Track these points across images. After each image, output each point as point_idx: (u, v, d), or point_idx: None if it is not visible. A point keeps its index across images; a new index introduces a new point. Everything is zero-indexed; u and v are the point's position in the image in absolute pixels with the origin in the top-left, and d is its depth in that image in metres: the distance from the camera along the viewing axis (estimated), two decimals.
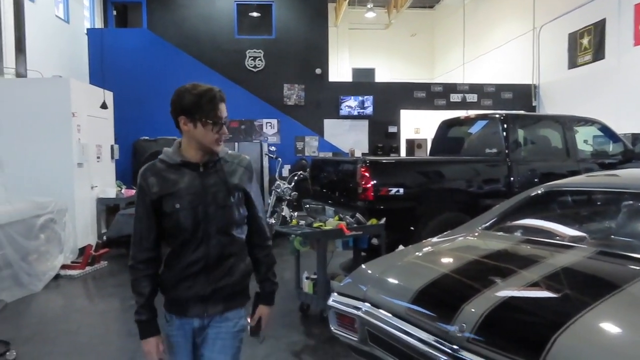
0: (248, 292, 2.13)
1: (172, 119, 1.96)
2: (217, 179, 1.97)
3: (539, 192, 3.46)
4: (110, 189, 8.67)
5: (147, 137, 11.48)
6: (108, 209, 8.62)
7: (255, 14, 13.70)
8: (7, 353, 3.88)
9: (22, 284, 5.24)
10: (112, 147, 9.05)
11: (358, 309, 2.56)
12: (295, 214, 9.19)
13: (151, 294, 1.98)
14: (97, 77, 11.21)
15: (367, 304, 2.55)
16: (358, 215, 4.80)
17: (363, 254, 5.50)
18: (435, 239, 3.32)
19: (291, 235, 4.66)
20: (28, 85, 7.63)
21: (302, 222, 4.79)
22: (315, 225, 4.65)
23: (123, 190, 8.94)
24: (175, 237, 1.96)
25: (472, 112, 10.18)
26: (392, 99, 13.23)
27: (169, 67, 12.18)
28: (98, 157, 8.46)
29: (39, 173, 7.17)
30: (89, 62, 11.76)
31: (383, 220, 4.81)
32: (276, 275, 2.24)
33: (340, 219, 4.85)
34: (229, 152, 2.08)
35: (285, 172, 11.64)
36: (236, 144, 11.62)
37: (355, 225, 4.71)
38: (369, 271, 2.85)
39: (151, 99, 11.96)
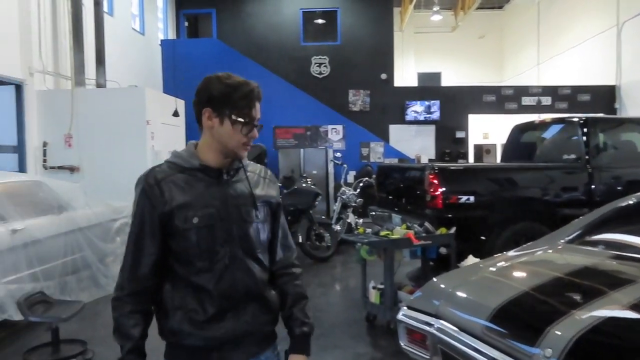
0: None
1: (194, 111, 1.62)
2: (243, 190, 1.62)
3: (630, 202, 3.16)
4: None
5: None
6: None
7: (320, 21, 13.79)
8: (84, 352, 4.06)
9: (100, 285, 5.50)
10: None
11: (430, 325, 2.43)
12: (361, 220, 9.09)
13: (142, 337, 1.57)
14: (170, 86, 11.71)
15: (440, 320, 2.42)
16: (427, 224, 4.64)
17: (431, 263, 5.31)
18: (512, 253, 3.11)
19: (357, 243, 4.57)
20: (107, 94, 8.08)
21: (369, 230, 4.69)
22: (382, 233, 4.54)
23: None
24: (188, 263, 1.55)
25: (545, 116, 9.64)
26: (460, 103, 12.83)
27: (237, 75, 12.46)
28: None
29: (116, 178, 7.54)
30: (163, 71, 12.30)
31: (453, 230, 4.62)
32: (308, 315, 1.74)
33: (408, 228, 4.70)
34: (250, 162, 1.75)
35: (350, 178, 11.56)
36: (302, 150, 11.72)
37: (423, 234, 4.55)
38: (442, 285, 2.71)
39: None
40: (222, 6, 13.42)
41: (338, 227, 8.64)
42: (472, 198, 5.26)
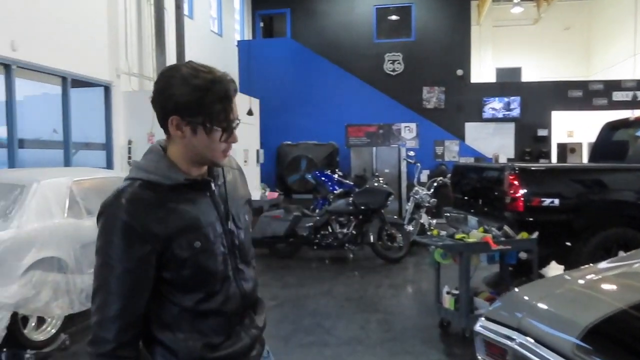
0: None
1: (155, 112, 1.33)
2: (230, 193, 1.44)
3: None
4: (255, 191, 9.18)
5: (289, 142, 11.98)
6: (253, 210, 9.09)
7: (394, 17, 13.55)
8: None
9: None
10: (257, 151, 9.58)
11: (511, 339, 2.25)
12: (434, 221, 8.82)
13: None
14: (246, 85, 12.01)
15: (522, 335, 2.23)
16: (506, 227, 4.37)
17: (510, 269, 5.02)
18: (604, 264, 2.83)
19: (431, 246, 4.40)
20: None
21: (443, 233, 4.50)
22: (457, 236, 4.34)
23: (267, 193, 9.40)
24: (192, 291, 1.34)
25: None
26: (543, 99, 12.11)
27: (311, 74, 12.59)
28: (245, 161, 9.01)
29: None
30: (239, 71, 12.64)
31: (535, 235, 4.31)
32: None
33: (486, 231, 4.46)
34: None
35: (424, 177, 11.27)
36: (374, 148, 11.59)
37: (502, 238, 4.29)
38: (524, 296, 2.51)
39: (294, 105, 12.47)
40: (296, 6, 13.56)
41: (410, 228, 8.42)
42: (556, 201, 4.90)
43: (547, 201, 4.89)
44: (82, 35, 7.37)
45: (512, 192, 4.92)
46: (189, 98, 1.26)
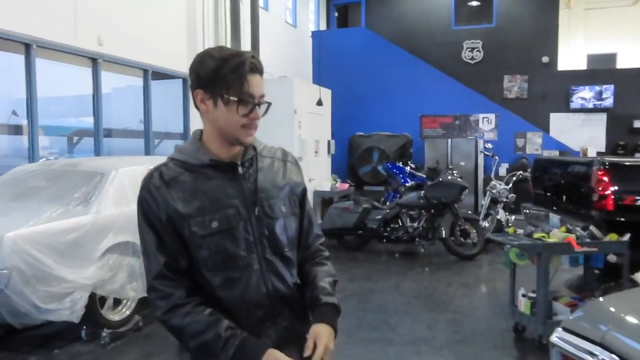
0: None
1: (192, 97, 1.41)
2: (263, 181, 1.43)
3: None
4: (325, 182, 9.15)
5: (362, 133, 11.83)
6: (323, 201, 9.10)
7: (474, 3, 12.90)
8: None
9: None
10: (328, 142, 9.54)
11: (593, 355, 2.01)
12: (512, 217, 8.34)
13: (221, 316, 1.34)
14: (319, 76, 11.99)
15: (606, 351, 1.98)
16: (592, 228, 3.98)
17: (596, 272, 4.60)
18: None
19: (506, 245, 4.11)
20: None
21: (520, 231, 4.19)
22: (536, 236, 4.02)
23: (338, 184, 9.35)
24: (210, 276, 1.36)
25: None
26: None
27: (385, 63, 12.32)
28: (316, 152, 9.00)
29: None
30: (313, 62, 12.64)
31: (627, 237, 3.90)
32: (334, 292, 1.52)
33: (568, 231, 4.09)
34: (264, 144, 1.54)
35: (502, 171, 10.68)
36: (449, 140, 11.15)
37: (588, 240, 3.91)
38: (611, 307, 2.24)
39: (367, 95, 12.29)
40: None
41: (486, 224, 8.02)
42: None
43: None
44: (162, 29, 7.67)
45: (600, 189, 4.49)
46: (208, 70, 1.34)
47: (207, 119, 1.39)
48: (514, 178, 8.63)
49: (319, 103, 8.75)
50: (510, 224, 8.32)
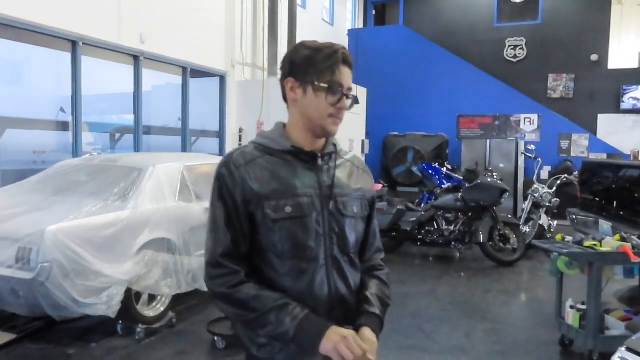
0: None
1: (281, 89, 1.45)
2: (339, 178, 1.43)
3: None
4: None
5: (396, 133, 11.63)
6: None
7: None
8: None
9: None
10: (362, 141, 9.40)
11: None
12: (555, 223, 8.00)
13: (279, 293, 1.33)
14: (356, 74, 11.82)
15: None
16: None
17: None
18: None
19: (553, 253, 3.89)
20: None
21: (569, 238, 3.96)
22: (586, 244, 3.78)
23: None
24: (277, 261, 1.34)
25: None
26: None
27: (423, 62, 12.07)
28: (350, 151, 8.87)
29: None
30: None
31: None
32: (386, 309, 1.48)
33: (623, 239, 3.84)
34: (341, 147, 1.54)
35: (544, 174, 10.29)
36: (488, 141, 10.83)
37: None
38: None
39: (403, 94, 12.08)
40: None
41: (527, 229, 7.71)
42: None
43: None
44: (201, 27, 7.71)
45: None
46: (302, 57, 1.37)
47: (295, 108, 1.42)
48: (558, 182, 8.29)
49: (355, 101, 8.61)
50: (552, 230, 8.00)
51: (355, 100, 1.44)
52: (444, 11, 12.75)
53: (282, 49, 8.91)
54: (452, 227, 7.21)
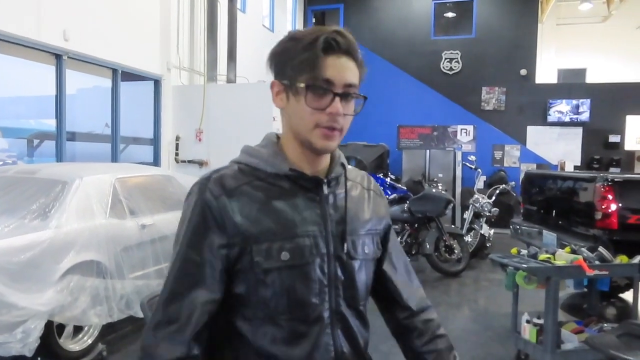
0: None
1: None
2: (350, 209, 1.11)
3: None
4: None
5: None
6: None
7: (454, 13, 12.85)
8: None
9: None
10: None
11: None
12: (492, 232, 8.15)
13: None
14: None
15: None
16: (601, 249, 3.73)
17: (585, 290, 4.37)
18: None
19: (508, 267, 3.82)
20: (236, 90, 8.10)
21: (523, 252, 3.91)
22: (541, 257, 3.74)
23: None
24: (268, 323, 1.03)
25: None
26: (616, 102, 11.14)
27: None
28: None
29: None
30: None
31: (637, 259, 3.67)
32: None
33: (573, 252, 3.84)
34: (347, 165, 1.19)
35: (480, 184, 10.55)
36: (427, 151, 10.97)
37: (597, 262, 3.67)
38: None
39: None
40: (350, 1, 13.09)
41: (469, 239, 7.81)
42: None
43: None
44: (134, 27, 7.17)
45: (604, 206, 4.27)
46: (280, 52, 1.06)
47: (283, 118, 1.10)
48: (497, 191, 8.48)
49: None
50: (491, 239, 8.15)
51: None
52: (383, 22, 12.86)
53: (222, 53, 8.52)
54: (398, 239, 7.11)
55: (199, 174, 7.40)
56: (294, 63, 1.02)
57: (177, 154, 7.90)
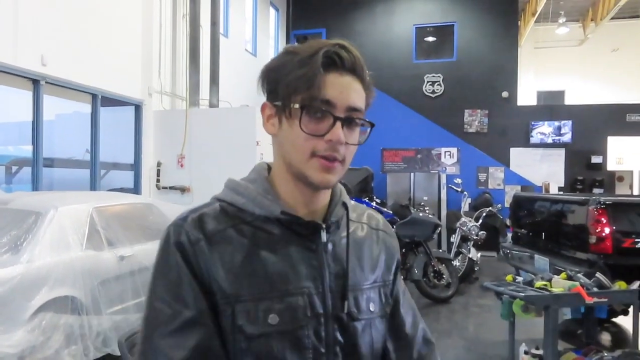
0: None
1: None
2: (353, 259, 0.95)
3: None
4: None
5: None
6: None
7: (435, 37, 13.01)
8: None
9: None
10: None
11: None
12: (479, 255, 8.06)
13: None
14: None
15: None
16: (599, 275, 3.64)
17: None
18: None
19: (504, 295, 3.70)
20: (219, 114, 7.97)
21: (519, 279, 3.80)
22: (537, 285, 3.63)
23: None
24: None
25: None
26: (598, 123, 11.29)
27: None
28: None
29: None
30: None
31: (636, 285, 3.58)
32: None
33: (570, 278, 3.74)
34: (349, 200, 1.02)
35: (465, 206, 10.50)
36: (412, 174, 10.93)
37: (595, 289, 3.57)
38: None
39: None
40: (332, 25, 13.18)
41: (457, 263, 7.69)
42: None
43: None
44: (115, 51, 7.02)
45: (598, 230, 4.19)
46: (274, 68, 0.90)
47: (274, 148, 0.94)
48: (484, 214, 8.42)
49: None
50: (479, 262, 8.05)
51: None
52: (365, 46, 12.92)
53: (204, 78, 8.41)
54: None
55: (181, 200, 7.19)
56: (289, 80, 0.86)
57: (158, 180, 7.69)
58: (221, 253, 0.85)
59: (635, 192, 12.92)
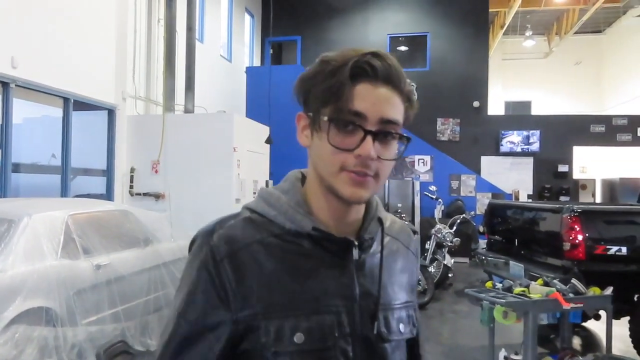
0: None
1: None
2: (386, 278, 0.91)
3: None
4: None
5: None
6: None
7: (408, 47, 13.22)
8: None
9: None
10: (267, 182, 8.99)
11: None
12: (452, 260, 8.18)
13: None
14: (254, 112, 11.50)
15: None
16: (574, 281, 3.75)
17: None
18: None
19: (484, 301, 3.76)
20: (194, 120, 7.87)
21: (498, 285, 3.87)
22: (516, 291, 3.71)
23: None
24: None
25: None
26: (564, 133, 11.66)
27: None
28: (254, 193, 8.39)
29: (200, 208, 7.18)
30: (247, 98, 12.16)
31: (609, 291, 3.70)
32: None
33: (546, 284, 3.84)
34: (386, 213, 0.98)
35: (438, 213, 10.67)
36: (387, 181, 11.02)
37: (571, 294, 3.67)
38: None
39: None
40: (307, 33, 13.23)
41: (432, 269, 7.78)
42: (624, 249, 4.30)
43: (613, 249, 4.30)
44: (88, 54, 6.86)
45: (571, 237, 4.32)
46: (306, 78, 0.87)
47: (309, 159, 0.89)
48: (458, 221, 8.56)
49: (269, 141, 8.24)
50: (453, 269, 8.17)
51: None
52: None
53: (180, 83, 8.30)
54: None
55: (156, 207, 7.03)
56: (318, 91, 0.83)
57: (131, 187, 7.53)
58: (248, 270, 0.82)
59: (598, 200, 13.41)
